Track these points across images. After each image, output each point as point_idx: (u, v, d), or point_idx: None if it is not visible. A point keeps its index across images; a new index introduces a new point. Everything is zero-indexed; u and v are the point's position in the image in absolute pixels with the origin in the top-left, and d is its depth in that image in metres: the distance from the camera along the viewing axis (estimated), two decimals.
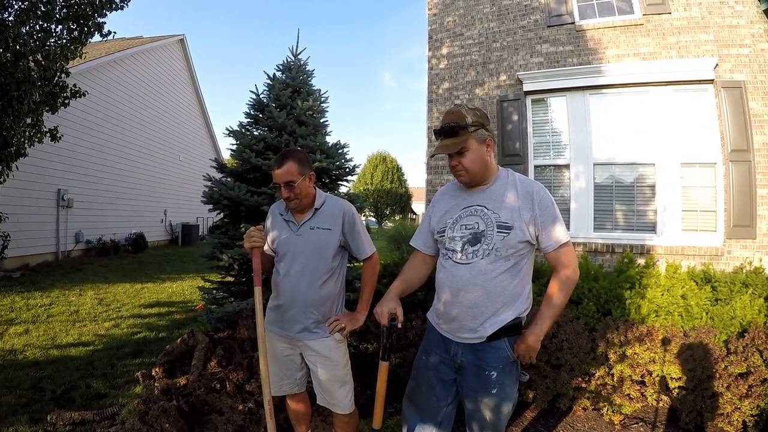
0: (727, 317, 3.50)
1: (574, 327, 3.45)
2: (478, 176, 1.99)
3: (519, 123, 6.53)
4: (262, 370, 2.23)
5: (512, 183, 2.00)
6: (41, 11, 6.25)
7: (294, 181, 2.33)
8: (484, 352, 1.94)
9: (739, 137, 5.48)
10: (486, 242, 1.92)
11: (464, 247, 1.96)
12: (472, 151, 1.94)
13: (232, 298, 4.52)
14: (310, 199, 2.45)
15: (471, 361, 1.97)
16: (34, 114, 6.76)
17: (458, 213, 2.04)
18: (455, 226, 2.02)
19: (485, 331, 1.92)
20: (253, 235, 2.33)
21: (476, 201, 2.01)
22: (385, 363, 2.00)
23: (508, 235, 1.90)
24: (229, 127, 4.61)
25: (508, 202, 1.95)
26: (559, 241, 1.93)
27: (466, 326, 1.95)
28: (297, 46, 4.88)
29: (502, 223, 1.91)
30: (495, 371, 1.93)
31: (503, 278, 1.91)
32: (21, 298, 7.18)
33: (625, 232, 6.06)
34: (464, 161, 1.95)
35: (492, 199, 1.98)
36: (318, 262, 2.40)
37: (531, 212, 1.92)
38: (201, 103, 20.56)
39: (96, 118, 12.65)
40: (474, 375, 1.96)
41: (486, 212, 1.96)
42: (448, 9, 7.30)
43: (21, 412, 3.42)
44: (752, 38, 5.60)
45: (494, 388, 1.93)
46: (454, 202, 2.09)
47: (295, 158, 2.36)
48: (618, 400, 3.28)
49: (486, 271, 1.91)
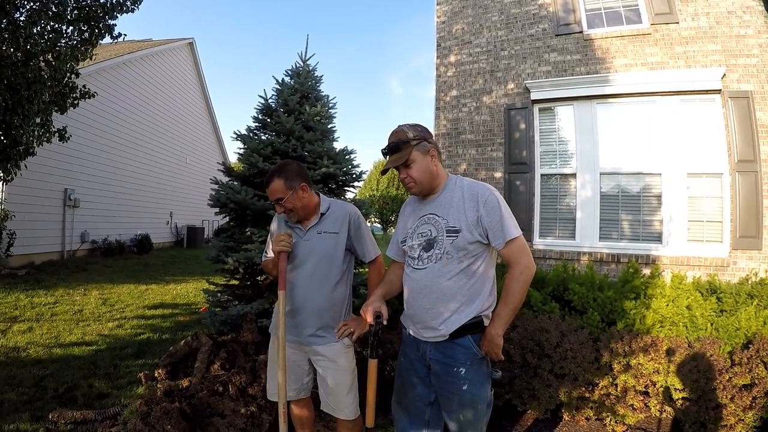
0: (732, 328, 3.47)
1: (579, 336, 3.43)
2: (426, 186, 2.14)
3: (526, 131, 6.54)
4: (280, 375, 2.27)
5: (459, 188, 2.13)
6: (52, 12, 6.31)
7: (282, 197, 2.36)
8: (451, 349, 2.03)
9: (746, 147, 5.46)
10: (438, 247, 2.05)
11: (420, 254, 2.11)
12: (417, 162, 2.08)
13: (237, 302, 4.53)
14: (309, 209, 2.47)
15: (439, 359, 2.06)
16: (44, 114, 6.80)
17: (416, 222, 2.19)
18: (413, 235, 2.17)
19: (447, 330, 2.02)
20: (282, 239, 2.38)
21: (429, 210, 2.16)
22: (373, 360, 2.13)
23: (457, 238, 2.01)
24: (237, 131, 4.64)
25: (454, 207, 2.08)
26: (506, 237, 2.00)
27: (429, 326, 2.06)
28: (306, 51, 4.90)
29: (451, 227, 2.04)
30: (463, 368, 2.01)
31: (458, 279, 2.02)
32: (25, 296, 7.22)
33: (631, 242, 6.04)
34: (411, 173, 2.09)
35: (441, 206, 2.12)
36: (327, 266, 2.42)
37: (476, 213, 2.02)
38: (209, 106, 20.68)
39: (104, 119, 12.74)
40: (443, 372, 2.05)
41: (437, 219, 2.10)
42: (457, 17, 7.33)
43: (23, 409, 3.44)
44: (760, 48, 5.59)
45: (464, 384, 2.01)
46: (414, 213, 2.25)
47: (281, 175, 2.37)
48: (621, 411, 3.26)
49: (440, 274, 2.03)
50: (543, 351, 3.41)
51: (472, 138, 6.92)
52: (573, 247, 6.18)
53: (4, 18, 5.88)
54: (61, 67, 6.73)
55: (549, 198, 6.53)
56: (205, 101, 20.41)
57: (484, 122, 6.86)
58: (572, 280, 4.11)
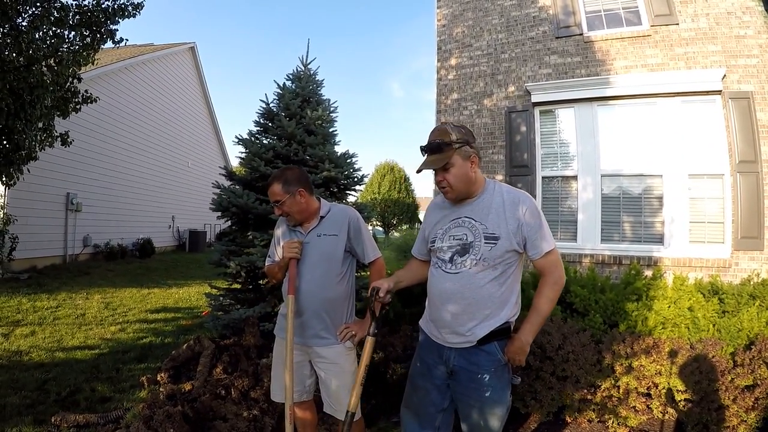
0: (734, 329, 3.47)
1: (581, 339, 3.43)
2: (462, 192, 2.05)
3: (527, 134, 6.54)
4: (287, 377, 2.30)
5: (498, 194, 2.06)
6: (54, 17, 6.33)
7: (280, 200, 2.44)
8: (476, 356, 1.99)
9: (747, 148, 5.45)
10: (474, 252, 1.99)
11: (453, 257, 2.04)
12: (456, 167, 1.99)
13: (239, 305, 4.53)
14: (306, 213, 2.52)
15: (463, 366, 2.01)
16: (46, 118, 6.82)
17: (447, 224, 2.11)
18: (444, 237, 2.09)
19: (475, 336, 1.97)
20: (294, 246, 2.44)
21: (464, 213, 2.08)
22: (371, 338, 2.13)
23: (495, 245, 1.96)
24: (239, 135, 4.65)
25: (494, 212, 2.02)
26: (544, 250, 1.99)
27: (456, 332, 2.01)
28: (307, 55, 4.93)
29: (489, 233, 1.98)
30: (487, 374, 1.97)
31: (490, 286, 1.97)
32: (28, 300, 7.24)
33: (633, 244, 6.03)
34: (449, 177, 2.00)
35: (479, 210, 2.05)
36: (326, 267, 2.45)
37: (517, 221, 1.98)
38: (210, 111, 20.71)
39: (106, 124, 12.77)
40: (466, 379, 2.00)
41: (473, 223, 2.03)
42: (457, 20, 7.35)
43: (25, 413, 3.44)
44: (760, 48, 5.59)
45: (487, 391, 1.97)
46: (444, 213, 2.17)
47: (280, 179, 2.45)
48: (624, 413, 3.26)
49: (474, 280, 1.97)
50: (545, 353, 3.41)
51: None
52: (574, 249, 6.18)
53: (7, 23, 5.91)
54: (63, 72, 6.75)
55: (550, 200, 6.53)
56: (207, 105, 20.45)
57: (485, 125, 6.86)
58: (574, 283, 4.10)
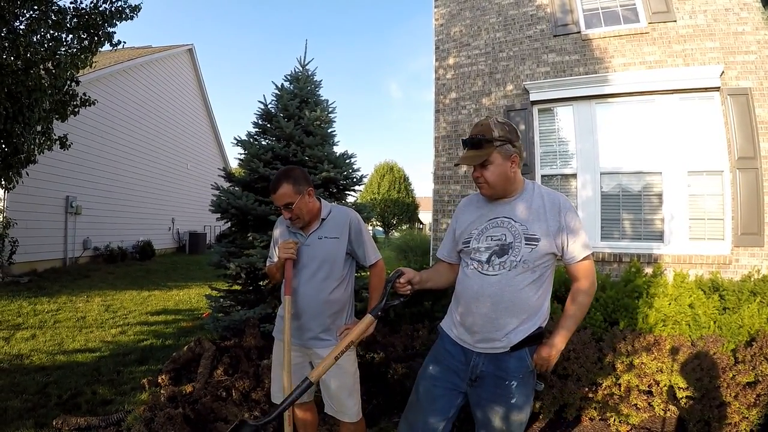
0: (735, 326, 3.47)
1: (581, 337, 3.43)
2: (499, 191, 1.99)
3: (526, 132, 6.54)
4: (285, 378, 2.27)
5: (538, 195, 2.01)
6: (52, 20, 6.33)
7: (292, 202, 2.35)
8: (506, 362, 1.93)
9: (746, 144, 5.45)
10: (513, 254, 1.91)
11: (491, 258, 1.96)
12: (495, 165, 1.93)
13: (239, 307, 4.54)
14: (313, 213, 2.47)
15: (491, 372, 1.94)
16: (45, 122, 6.82)
17: (484, 224, 2.03)
18: (480, 237, 2.01)
19: (509, 341, 1.91)
20: (289, 246, 2.40)
21: (502, 212, 2.01)
22: (371, 317, 2.00)
23: (536, 247, 1.90)
24: (238, 137, 4.66)
25: (534, 214, 1.96)
26: (582, 254, 1.96)
27: (490, 336, 1.93)
28: (305, 56, 4.93)
29: (530, 235, 1.92)
30: (515, 381, 1.91)
31: (528, 290, 1.91)
32: (28, 304, 7.23)
33: (633, 242, 6.03)
34: (486, 174, 1.94)
35: (519, 211, 1.98)
36: (327, 270, 2.43)
37: (558, 224, 1.94)
38: (209, 112, 20.72)
39: (105, 127, 12.77)
40: (493, 385, 1.94)
41: (513, 224, 1.96)
42: (455, 19, 7.34)
43: (27, 416, 3.44)
44: (758, 45, 5.59)
45: (513, 398, 1.91)
46: (479, 212, 2.08)
47: (289, 179, 2.37)
48: (625, 410, 3.26)
49: (513, 283, 1.90)
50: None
51: None
52: None
53: (4, 26, 5.91)
54: (62, 75, 6.75)
55: None
56: (206, 107, 20.45)
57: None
58: None
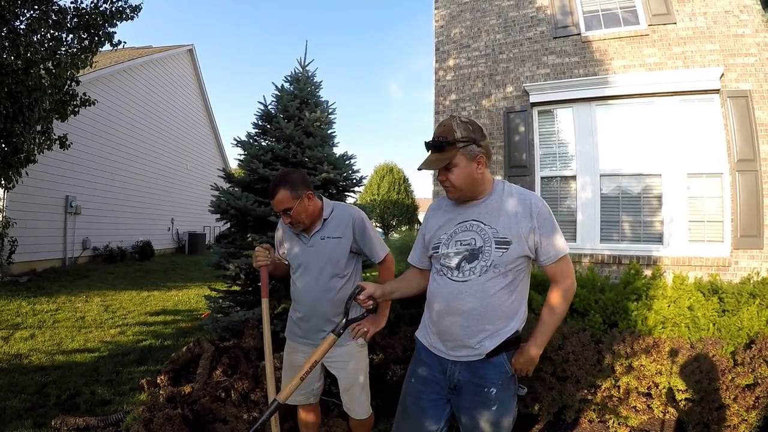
0: (734, 328, 3.46)
1: (580, 339, 3.42)
2: (467, 193, 1.91)
3: (525, 134, 6.54)
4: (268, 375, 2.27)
5: (509, 195, 1.92)
6: (52, 20, 6.35)
7: (290, 207, 2.33)
8: (483, 369, 1.86)
9: (746, 147, 5.46)
10: (484, 258, 1.84)
11: (461, 264, 1.88)
12: (459, 167, 1.84)
13: (238, 308, 4.53)
14: (314, 215, 2.45)
15: (469, 380, 1.88)
16: (45, 121, 6.82)
17: (453, 228, 1.95)
18: (450, 242, 1.93)
19: (484, 349, 1.84)
20: (257, 255, 2.42)
21: (471, 215, 1.92)
22: (334, 336, 1.98)
23: (507, 251, 1.82)
24: (237, 138, 4.66)
25: (505, 215, 1.88)
26: (558, 254, 1.87)
27: (464, 344, 1.87)
28: (305, 57, 4.93)
29: (501, 238, 1.84)
30: (495, 388, 1.85)
31: (501, 295, 1.84)
32: (27, 303, 7.22)
33: (632, 243, 6.04)
34: (452, 177, 1.86)
35: (488, 213, 1.90)
36: (331, 270, 2.42)
37: (530, 225, 1.85)
38: (209, 113, 20.73)
39: (105, 127, 12.77)
40: (472, 393, 1.87)
41: (483, 227, 1.88)
42: (455, 21, 7.35)
43: (25, 416, 3.43)
44: (758, 47, 5.60)
45: (494, 405, 1.85)
46: (448, 216, 2.00)
47: (286, 184, 2.33)
48: (624, 413, 3.26)
49: (484, 289, 1.83)
50: (545, 354, 3.38)
51: None
52: (574, 249, 6.17)
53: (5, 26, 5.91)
54: (62, 75, 6.76)
55: (549, 200, 6.52)
56: (206, 107, 20.46)
57: (484, 126, 6.85)
58: None
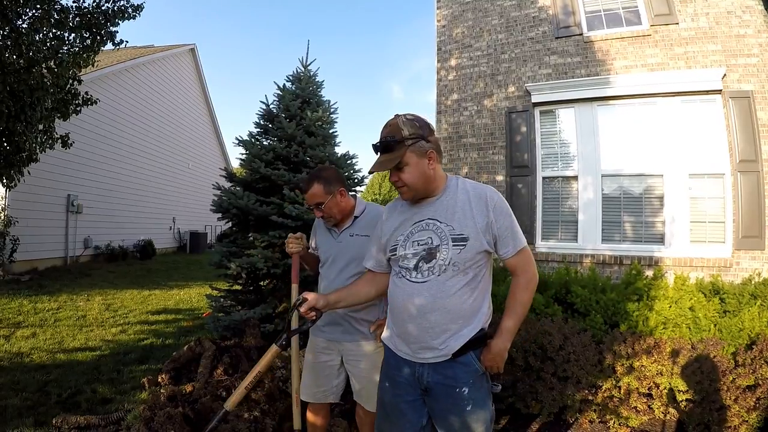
0: (735, 329, 3.46)
1: (581, 339, 3.42)
2: (420, 191, 1.89)
3: (527, 134, 6.54)
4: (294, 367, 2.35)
5: (463, 191, 1.89)
6: (54, 19, 6.36)
7: (322, 202, 2.42)
8: (451, 369, 1.82)
9: (748, 147, 5.45)
10: (441, 257, 1.80)
11: (419, 264, 1.84)
12: (411, 165, 1.82)
13: (240, 307, 4.53)
14: (346, 212, 2.52)
15: (439, 381, 1.84)
16: (47, 120, 6.84)
17: (409, 229, 1.92)
18: (407, 243, 1.90)
19: (449, 349, 1.80)
20: (290, 242, 2.58)
21: (427, 214, 1.90)
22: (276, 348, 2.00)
23: (465, 248, 1.79)
24: (239, 137, 4.65)
25: (460, 212, 1.84)
26: (517, 246, 1.85)
27: (428, 346, 1.83)
28: (307, 57, 4.92)
29: (457, 235, 1.81)
30: (466, 387, 1.81)
31: (462, 293, 1.80)
32: (29, 302, 7.24)
33: (634, 244, 6.03)
34: (404, 177, 1.84)
35: (443, 210, 1.87)
36: (355, 267, 2.42)
37: (487, 219, 1.82)
38: (211, 112, 20.76)
39: (107, 126, 12.80)
40: (443, 394, 1.84)
41: (438, 225, 1.85)
42: (457, 21, 7.35)
43: (26, 414, 3.45)
44: (760, 47, 5.58)
45: (468, 405, 1.81)
46: (404, 217, 1.97)
47: (321, 179, 2.42)
48: (625, 413, 3.26)
49: (444, 288, 1.79)
50: (546, 354, 3.40)
51: (473, 141, 6.92)
52: (575, 249, 6.17)
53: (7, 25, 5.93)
54: (64, 74, 6.77)
55: (551, 201, 6.53)
56: (207, 107, 20.49)
57: (486, 126, 6.86)
58: (575, 283, 4.11)
